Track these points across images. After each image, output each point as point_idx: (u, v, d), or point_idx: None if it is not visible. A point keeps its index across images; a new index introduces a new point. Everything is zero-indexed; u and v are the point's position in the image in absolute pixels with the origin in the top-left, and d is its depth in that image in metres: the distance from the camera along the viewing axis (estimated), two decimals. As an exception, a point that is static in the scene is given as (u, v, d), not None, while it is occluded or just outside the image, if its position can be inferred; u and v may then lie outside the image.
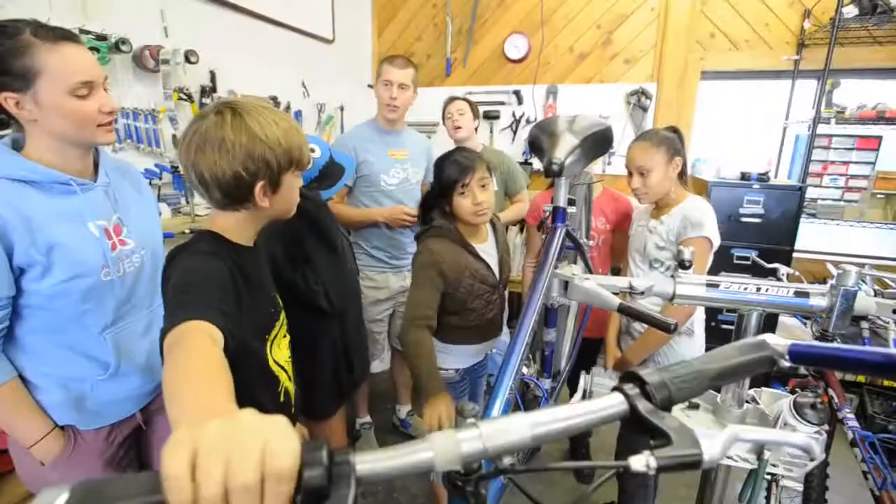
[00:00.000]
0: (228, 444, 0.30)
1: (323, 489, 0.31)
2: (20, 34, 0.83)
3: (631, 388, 0.41)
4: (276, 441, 0.31)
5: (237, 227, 0.90)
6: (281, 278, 1.17)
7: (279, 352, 1.00)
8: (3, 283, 0.87)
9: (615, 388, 0.41)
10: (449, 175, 1.35)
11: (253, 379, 0.91)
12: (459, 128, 2.31)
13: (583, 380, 1.04)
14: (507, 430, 0.37)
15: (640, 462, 0.35)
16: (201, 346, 0.63)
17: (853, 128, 2.82)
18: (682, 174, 1.52)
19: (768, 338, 0.47)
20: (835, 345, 0.43)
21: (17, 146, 0.94)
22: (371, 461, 0.34)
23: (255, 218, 0.91)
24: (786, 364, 0.46)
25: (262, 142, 0.81)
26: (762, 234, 2.46)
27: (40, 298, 0.92)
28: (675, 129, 1.53)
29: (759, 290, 0.88)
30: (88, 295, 0.96)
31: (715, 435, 0.37)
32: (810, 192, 2.98)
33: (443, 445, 0.36)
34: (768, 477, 1.67)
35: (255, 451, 0.30)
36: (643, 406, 0.39)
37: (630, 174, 1.51)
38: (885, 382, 2.33)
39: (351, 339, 1.52)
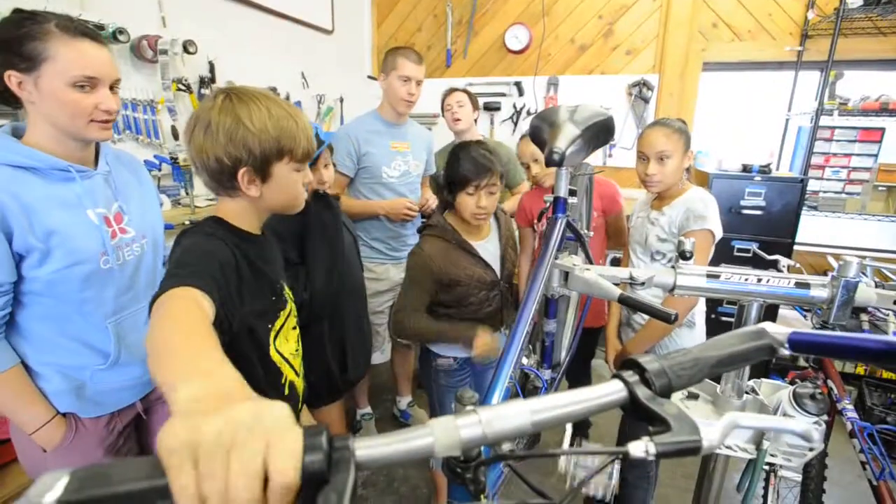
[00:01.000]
0: (228, 451, 0.29)
1: (322, 474, 0.31)
2: (46, 23, 0.88)
3: (630, 376, 0.40)
4: (278, 447, 0.30)
5: (239, 213, 0.89)
6: None
7: (285, 343, 0.99)
8: (5, 269, 0.88)
9: (615, 376, 0.41)
10: (465, 171, 1.33)
11: (253, 364, 0.90)
12: (458, 120, 2.30)
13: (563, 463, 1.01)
14: (506, 416, 0.37)
15: (640, 448, 0.35)
16: (185, 306, 0.63)
17: (856, 120, 2.80)
18: (688, 167, 1.51)
19: (768, 326, 0.47)
20: (834, 332, 0.43)
21: (17, 134, 0.95)
22: (370, 446, 0.34)
23: (254, 207, 0.90)
24: (785, 352, 0.46)
25: (245, 127, 0.80)
26: (763, 227, 2.46)
27: (40, 285, 0.92)
28: (683, 122, 1.51)
29: (759, 281, 0.88)
30: (88, 283, 0.96)
31: (714, 422, 0.37)
32: (812, 185, 2.98)
33: (442, 431, 0.36)
34: (767, 468, 1.69)
35: (256, 462, 0.29)
36: (642, 393, 0.39)
37: (645, 159, 1.46)
38: (884, 374, 2.34)
39: (349, 337, 1.50)
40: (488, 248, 1.45)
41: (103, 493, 0.28)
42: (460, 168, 1.34)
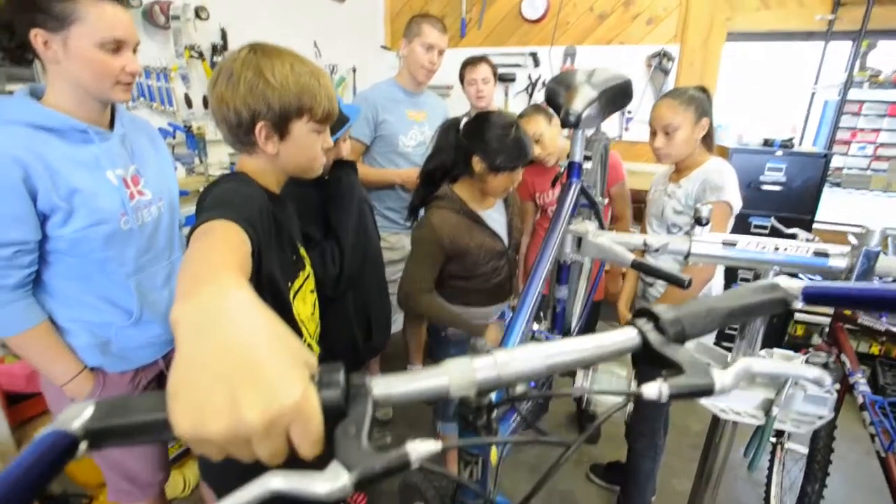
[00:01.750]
0: (248, 441, 0.28)
1: (340, 408, 0.32)
2: None
3: (644, 323, 0.41)
4: (299, 432, 0.29)
5: (260, 171, 0.90)
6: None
7: (302, 305, 0.99)
8: (31, 227, 0.90)
9: (628, 323, 0.42)
10: (515, 154, 1.29)
11: None
12: (483, 97, 2.24)
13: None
14: (521, 358, 0.38)
15: (653, 389, 0.36)
16: (222, 235, 0.63)
17: (887, 93, 2.69)
18: (707, 137, 1.47)
19: (781, 280, 0.47)
20: (849, 283, 0.42)
21: (36, 95, 0.96)
22: (387, 385, 0.35)
23: (272, 166, 0.90)
24: (798, 305, 0.46)
25: (266, 80, 0.80)
26: (782, 203, 2.41)
27: (64, 244, 0.95)
28: (703, 89, 1.46)
29: (777, 249, 0.86)
30: (109, 242, 0.99)
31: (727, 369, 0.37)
32: (836, 161, 2.89)
33: (458, 372, 0.36)
34: (773, 440, 1.69)
35: (280, 446, 0.29)
36: (655, 339, 0.40)
37: (654, 133, 1.45)
38: (899, 354, 2.31)
39: (373, 305, 1.50)
40: (494, 216, 1.44)
41: (125, 422, 0.31)
42: (509, 148, 1.28)
